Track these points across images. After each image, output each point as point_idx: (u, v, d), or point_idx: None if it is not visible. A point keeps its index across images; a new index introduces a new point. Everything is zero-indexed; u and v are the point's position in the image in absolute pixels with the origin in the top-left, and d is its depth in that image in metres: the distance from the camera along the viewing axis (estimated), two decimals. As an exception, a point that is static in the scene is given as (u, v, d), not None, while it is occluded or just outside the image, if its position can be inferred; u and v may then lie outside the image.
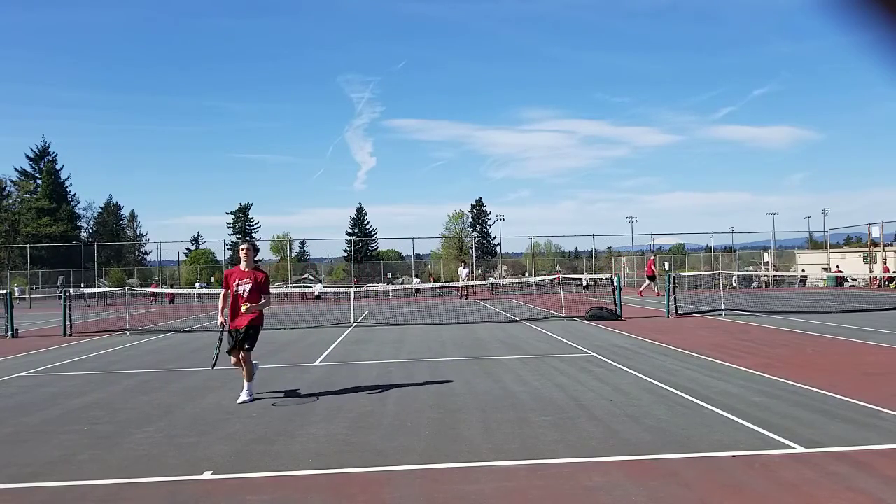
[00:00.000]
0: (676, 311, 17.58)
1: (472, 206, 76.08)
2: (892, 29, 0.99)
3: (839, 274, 37.56)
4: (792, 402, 6.38)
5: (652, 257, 32.84)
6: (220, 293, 7.33)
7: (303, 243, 69.73)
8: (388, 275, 49.60)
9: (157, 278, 45.72)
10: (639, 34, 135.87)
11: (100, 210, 73.09)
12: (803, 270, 41.87)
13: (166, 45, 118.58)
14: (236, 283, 7.13)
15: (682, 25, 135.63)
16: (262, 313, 7.35)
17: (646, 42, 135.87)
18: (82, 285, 35.39)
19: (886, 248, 37.39)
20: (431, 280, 43.58)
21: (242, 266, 7.24)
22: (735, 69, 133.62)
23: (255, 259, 7.44)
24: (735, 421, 5.66)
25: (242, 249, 7.25)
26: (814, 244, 56.02)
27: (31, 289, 39.75)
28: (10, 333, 15.86)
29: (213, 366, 7.40)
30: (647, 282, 29.22)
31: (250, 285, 7.14)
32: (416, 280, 42.45)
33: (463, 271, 31.70)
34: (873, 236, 38.02)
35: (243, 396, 7.08)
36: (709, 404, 6.36)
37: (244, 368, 7.15)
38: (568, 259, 61.66)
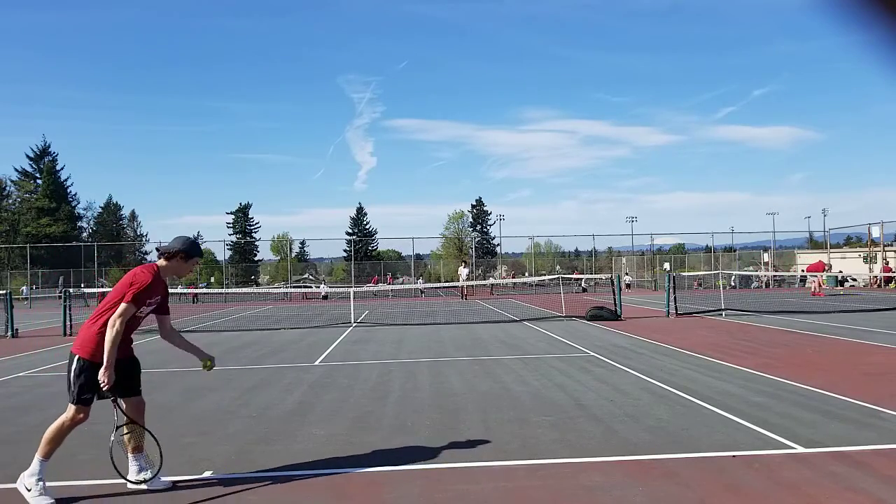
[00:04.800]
0: (676, 311, 17.58)
1: (473, 206, 76.04)
2: (892, 29, 0.99)
3: (830, 274, 37.40)
4: (792, 402, 6.37)
5: (823, 261, 31.59)
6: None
7: (303, 243, 69.76)
8: (388, 275, 49.60)
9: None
10: (639, 34, 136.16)
11: (100, 210, 73.12)
12: (803, 270, 41.86)
13: (167, 45, 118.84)
14: (151, 300, 4.32)
15: (683, 25, 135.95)
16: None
17: (646, 42, 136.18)
18: (82, 285, 35.38)
19: (886, 248, 37.39)
20: (390, 281, 43.62)
21: (164, 271, 4.40)
22: (736, 69, 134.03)
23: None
24: (735, 421, 5.66)
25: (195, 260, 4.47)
26: (814, 244, 56.04)
27: (32, 289, 39.76)
28: (10, 333, 15.86)
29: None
30: (812, 278, 28.40)
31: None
32: (420, 280, 42.43)
33: (463, 271, 31.67)
34: (873, 236, 38.02)
35: (159, 478, 4.30)
36: (709, 404, 6.36)
37: (137, 432, 4.41)
38: (568, 259, 61.68)
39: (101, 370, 4.04)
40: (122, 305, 4.07)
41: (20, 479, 4.06)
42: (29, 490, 3.99)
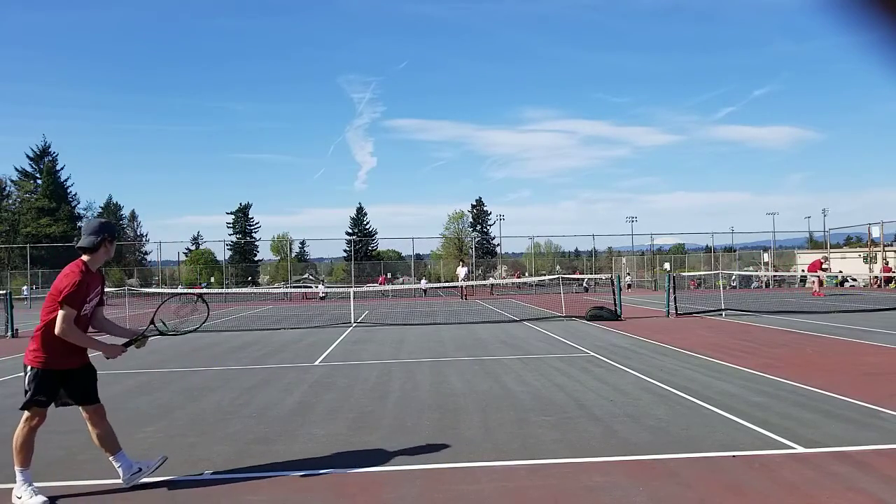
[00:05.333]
0: (676, 311, 17.58)
1: (473, 206, 76.02)
2: (892, 29, 0.99)
3: (830, 274, 37.33)
4: (792, 402, 6.37)
5: (820, 258, 31.39)
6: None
7: (303, 243, 69.77)
8: (388, 274, 49.62)
9: (156, 278, 45.78)
10: (639, 34, 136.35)
11: (100, 210, 73.07)
12: (803, 271, 41.87)
13: (167, 45, 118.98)
14: (91, 296, 4.23)
15: (683, 25, 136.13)
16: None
17: (646, 42, 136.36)
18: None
19: (886, 248, 37.38)
20: (381, 281, 43.79)
21: (93, 263, 4.27)
22: (736, 69, 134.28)
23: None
24: (735, 421, 5.66)
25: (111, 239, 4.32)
26: (814, 244, 56.04)
27: (32, 289, 39.76)
28: (10, 333, 15.86)
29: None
30: (813, 278, 28.39)
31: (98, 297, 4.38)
32: (424, 280, 42.38)
33: (461, 271, 31.53)
34: (873, 236, 38.00)
35: (147, 463, 4.37)
36: (709, 404, 6.36)
37: (105, 433, 4.30)
38: (568, 259, 61.70)
39: (109, 356, 4.30)
40: (60, 313, 4.03)
41: (12, 495, 4.06)
42: (20, 498, 4.00)
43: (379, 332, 15.18)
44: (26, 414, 4.14)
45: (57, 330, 4.02)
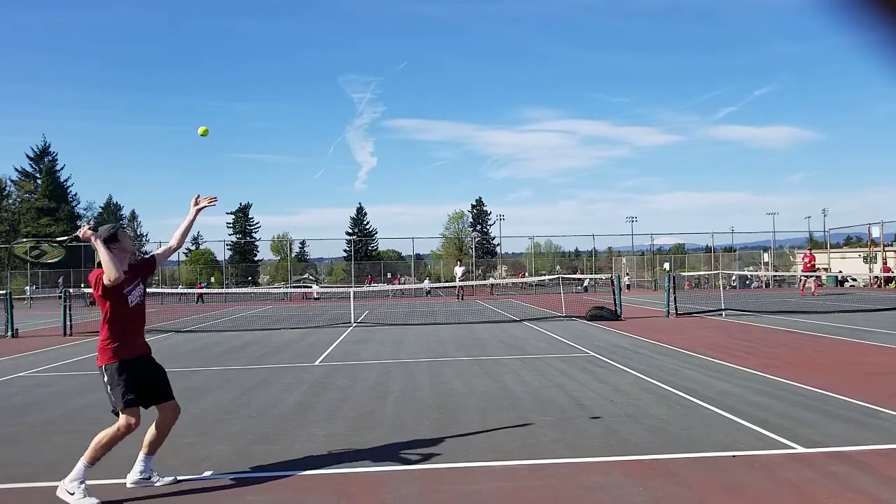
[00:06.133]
0: (676, 311, 17.57)
1: (473, 206, 76.03)
2: (892, 29, 0.99)
3: (830, 274, 37.29)
4: (792, 402, 6.37)
5: (808, 251, 30.20)
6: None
7: (303, 243, 69.77)
8: (388, 275, 49.65)
9: (156, 278, 45.79)
10: (639, 34, 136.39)
11: (100, 210, 73.06)
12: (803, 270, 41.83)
13: (166, 45, 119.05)
14: (129, 286, 4.23)
15: (683, 25, 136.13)
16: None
17: (646, 42, 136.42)
18: (82, 285, 35.37)
19: (886, 248, 37.38)
20: (373, 281, 43.98)
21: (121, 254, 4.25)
22: (736, 69, 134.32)
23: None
24: (735, 421, 5.66)
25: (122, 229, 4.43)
26: (814, 244, 56.01)
27: (32, 288, 39.79)
28: (10, 333, 15.86)
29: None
30: (804, 279, 27.68)
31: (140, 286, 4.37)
32: (427, 281, 42.35)
33: (458, 270, 31.40)
34: (873, 236, 37.99)
35: (161, 477, 4.33)
36: (709, 404, 6.36)
37: (164, 434, 4.34)
38: (568, 259, 61.73)
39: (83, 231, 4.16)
40: (104, 280, 4.04)
41: (61, 485, 3.98)
42: (72, 494, 3.92)
43: (379, 332, 15.18)
44: (123, 417, 4.03)
45: (106, 279, 4.00)
